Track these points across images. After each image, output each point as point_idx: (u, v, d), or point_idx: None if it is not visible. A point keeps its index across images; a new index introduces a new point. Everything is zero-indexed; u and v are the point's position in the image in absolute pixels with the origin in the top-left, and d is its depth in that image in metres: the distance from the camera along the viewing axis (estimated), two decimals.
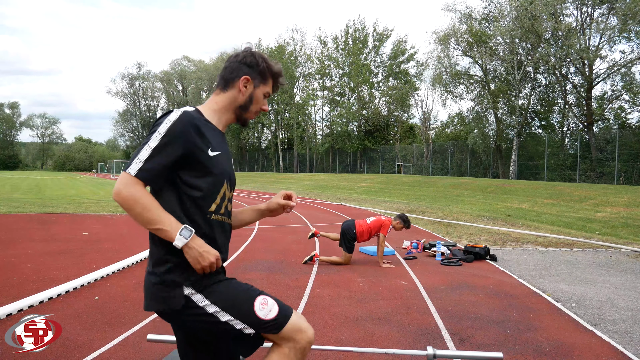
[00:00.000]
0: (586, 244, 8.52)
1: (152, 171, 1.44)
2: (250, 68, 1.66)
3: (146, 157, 1.43)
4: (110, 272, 5.29)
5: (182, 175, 1.50)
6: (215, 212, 1.59)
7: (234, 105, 1.68)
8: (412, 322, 3.93)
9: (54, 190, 21.49)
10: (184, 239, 1.43)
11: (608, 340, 3.61)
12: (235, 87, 1.66)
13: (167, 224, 1.43)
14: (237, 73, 1.65)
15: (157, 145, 1.44)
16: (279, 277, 5.40)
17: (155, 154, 1.44)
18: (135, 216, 1.43)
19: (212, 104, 1.66)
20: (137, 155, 1.44)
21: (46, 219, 10.09)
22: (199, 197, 1.53)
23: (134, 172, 1.43)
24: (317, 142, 49.75)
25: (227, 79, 1.66)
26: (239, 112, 1.69)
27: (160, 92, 75.35)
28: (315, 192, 25.29)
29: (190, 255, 1.46)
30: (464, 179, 25.65)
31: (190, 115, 1.50)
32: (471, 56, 31.36)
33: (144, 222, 1.43)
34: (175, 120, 1.47)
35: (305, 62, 50.26)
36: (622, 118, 27.42)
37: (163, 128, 1.45)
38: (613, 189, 16.48)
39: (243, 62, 1.65)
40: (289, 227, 10.04)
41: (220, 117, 1.67)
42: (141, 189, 1.44)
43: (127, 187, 1.42)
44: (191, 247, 1.45)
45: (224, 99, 1.66)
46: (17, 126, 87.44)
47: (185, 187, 1.51)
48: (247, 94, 1.67)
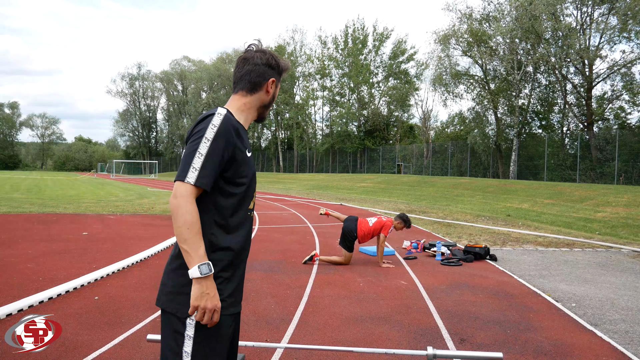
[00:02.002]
0: (586, 244, 8.51)
1: (209, 177, 1.48)
2: (273, 70, 1.73)
3: (201, 164, 1.46)
4: (110, 272, 5.29)
5: (227, 177, 1.55)
6: (252, 208, 1.70)
7: (260, 105, 1.74)
8: (412, 322, 3.93)
9: (54, 190, 21.49)
10: (198, 273, 1.43)
11: (608, 340, 3.61)
12: (263, 89, 1.72)
13: (194, 250, 1.45)
14: (265, 76, 1.70)
15: (208, 152, 1.47)
16: (279, 277, 5.40)
17: (207, 160, 1.47)
18: (178, 227, 1.44)
19: (240, 105, 1.70)
20: (190, 163, 1.46)
21: (46, 219, 10.08)
22: (242, 196, 1.59)
23: (193, 180, 1.45)
24: (317, 142, 49.72)
25: (254, 82, 1.70)
26: (262, 110, 1.76)
27: (160, 92, 75.29)
28: (315, 192, 25.29)
29: (196, 291, 1.44)
30: (464, 179, 25.65)
31: (230, 118, 1.55)
32: (471, 56, 31.35)
33: (181, 236, 1.44)
34: (219, 124, 1.50)
35: (305, 62, 50.22)
36: (622, 118, 27.42)
37: (210, 134, 1.49)
38: (613, 189, 16.47)
39: (267, 64, 1.71)
40: (289, 227, 10.04)
41: (246, 117, 1.72)
42: (194, 203, 1.47)
43: (188, 199, 1.45)
44: (201, 283, 1.45)
45: (252, 101, 1.72)
46: (17, 126, 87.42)
47: (230, 188, 1.56)
48: (272, 94, 1.75)
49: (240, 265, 1.62)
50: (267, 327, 3.72)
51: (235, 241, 1.58)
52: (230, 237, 1.57)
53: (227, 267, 1.56)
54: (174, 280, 1.52)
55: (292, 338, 3.52)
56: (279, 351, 3.24)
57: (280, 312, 4.11)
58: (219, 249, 1.54)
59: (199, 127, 1.52)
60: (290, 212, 13.52)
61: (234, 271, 1.59)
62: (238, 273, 1.61)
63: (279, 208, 14.75)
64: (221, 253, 1.54)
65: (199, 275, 1.43)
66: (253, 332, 3.61)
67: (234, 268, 1.58)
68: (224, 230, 1.56)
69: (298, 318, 3.98)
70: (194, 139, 1.50)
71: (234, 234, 1.58)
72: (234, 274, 1.59)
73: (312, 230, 9.67)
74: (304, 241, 8.09)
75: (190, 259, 1.44)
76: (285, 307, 4.28)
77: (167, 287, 1.53)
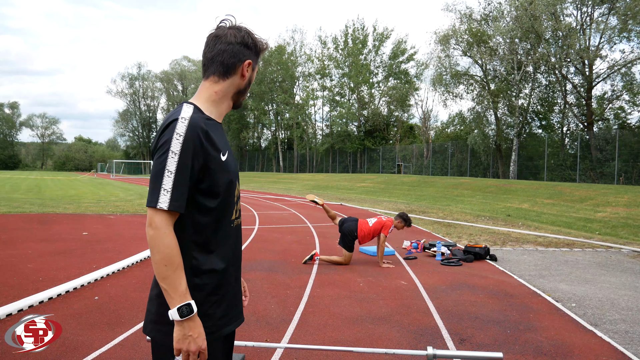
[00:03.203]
0: (586, 244, 8.51)
1: (184, 197, 1.32)
2: (250, 50, 1.49)
3: (172, 185, 1.29)
4: (110, 272, 5.29)
5: (203, 188, 1.37)
6: (236, 218, 1.52)
7: (234, 91, 1.51)
8: (412, 322, 3.92)
9: (54, 190, 21.48)
10: (178, 316, 1.29)
11: (608, 340, 3.61)
12: (238, 73, 1.48)
13: (174, 289, 1.30)
14: (240, 57, 1.46)
15: (178, 168, 1.30)
16: (279, 277, 5.40)
17: (178, 178, 1.30)
18: (156, 263, 1.30)
19: (211, 94, 1.47)
20: (161, 185, 1.29)
21: (46, 219, 10.08)
22: (222, 208, 1.42)
23: (166, 205, 1.28)
24: (317, 142, 49.72)
25: (228, 65, 1.46)
26: (236, 97, 1.53)
27: (160, 92, 75.29)
28: (315, 192, 25.28)
29: (178, 333, 1.31)
30: (464, 179, 25.64)
31: (197, 121, 1.35)
32: (471, 56, 31.34)
33: (159, 274, 1.30)
34: (185, 132, 1.31)
35: (305, 62, 50.23)
36: (622, 118, 27.42)
37: (176, 146, 1.30)
38: (613, 189, 16.47)
39: (243, 43, 1.46)
40: (289, 227, 10.04)
41: (220, 108, 1.50)
42: (172, 233, 1.32)
43: (164, 230, 1.30)
44: (183, 325, 1.31)
45: (225, 87, 1.48)
46: (17, 126, 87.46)
47: (207, 201, 1.39)
48: (248, 78, 1.51)
49: (230, 281, 1.48)
50: (267, 327, 3.72)
51: (219, 261, 1.43)
52: (213, 258, 1.41)
53: (214, 291, 1.41)
54: (157, 308, 1.39)
55: (292, 338, 3.52)
56: (279, 351, 3.24)
57: (280, 312, 4.11)
58: (202, 273, 1.39)
59: (163, 139, 1.33)
60: (290, 212, 13.52)
61: (225, 291, 1.45)
62: (229, 289, 1.48)
63: (278, 208, 14.75)
64: (205, 277, 1.39)
65: (179, 319, 1.29)
66: (253, 332, 3.61)
67: (223, 288, 1.44)
68: (205, 251, 1.40)
69: (298, 318, 3.98)
70: (160, 154, 1.32)
71: (217, 253, 1.42)
72: (224, 294, 1.45)
73: (312, 230, 9.67)
74: (304, 241, 8.09)
75: (170, 299, 1.29)
76: (285, 307, 4.28)
77: (151, 315, 1.41)
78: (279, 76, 49.43)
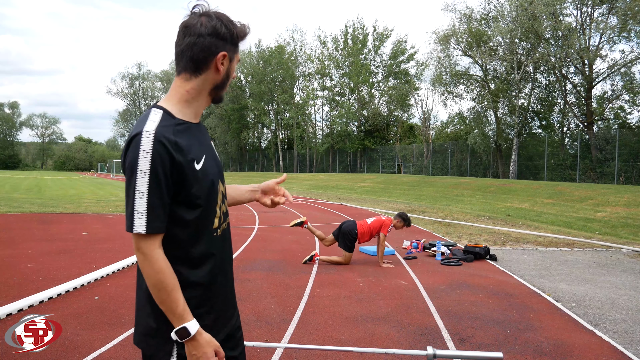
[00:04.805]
0: (586, 244, 8.51)
1: (161, 218, 1.25)
2: (224, 40, 1.32)
3: (146, 207, 1.22)
4: (110, 272, 5.29)
5: (180, 200, 1.30)
6: (219, 226, 1.42)
7: (210, 87, 1.37)
8: (412, 322, 3.93)
9: (54, 190, 21.48)
10: (177, 339, 1.27)
11: (608, 340, 3.61)
12: (211, 67, 1.33)
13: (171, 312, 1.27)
14: (212, 51, 1.31)
15: (150, 187, 1.21)
16: (279, 277, 5.40)
17: (152, 198, 1.22)
18: (151, 287, 1.27)
19: (183, 93, 1.34)
20: (133, 208, 1.22)
21: (46, 219, 10.08)
22: (202, 219, 1.35)
23: (144, 229, 1.22)
24: (317, 142, 49.73)
25: (198, 60, 1.31)
26: (214, 93, 1.39)
27: (160, 92, 75.27)
28: (315, 192, 25.27)
29: (186, 351, 1.29)
30: (464, 179, 25.64)
31: (162, 134, 1.23)
32: (471, 56, 31.33)
33: (156, 297, 1.27)
34: (151, 148, 1.21)
35: (305, 62, 50.23)
36: (622, 118, 27.43)
37: (144, 164, 1.21)
38: (613, 189, 16.47)
39: (215, 34, 1.30)
40: (289, 227, 10.03)
41: (194, 106, 1.37)
42: (161, 255, 1.26)
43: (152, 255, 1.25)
44: (187, 346, 1.29)
45: (198, 85, 1.34)
46: (17, 126, 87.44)
47: (185, 214, 1.31)
48: (224, 72, 1.36)
49: (218, 292, 1.43)
50: (267, 327, 3.72)
51: (203, 274, 1.36)
52: (198, 272, 1.35)
53: (202, 303, 1.37)
54: (145, 321, 1.34)
55: (292, 338, 3.52)
56: (279, 351, 3.24)
57: (280, 312, 4.11)
58: (188, 287, 1.33)
59: (129, 157, 1.23)
60: (290, 212, 13.52)
61: (213, 302, 1.41)
62: (218, 300, 1.43)
63: (279, 208, 14.75)
64: (191, 290, 1.34)
65: (179, 340, 1.27)
66: (253, 332, 3.61)
67: (210, 300, 1.39)
68: (188, 265, 1.34)
69: (298, 318, 3.98)
70: (129, 175, 1.23)
71: (199, 267, 1.35)
72: (213, 305, 1.40)
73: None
74: (303, 241, 8.09)
75: (170, 319, 1.28)
76: (285, 307, 4.28)
77: (140, 328, 1.36)
78: (279, 76, 49.45)
